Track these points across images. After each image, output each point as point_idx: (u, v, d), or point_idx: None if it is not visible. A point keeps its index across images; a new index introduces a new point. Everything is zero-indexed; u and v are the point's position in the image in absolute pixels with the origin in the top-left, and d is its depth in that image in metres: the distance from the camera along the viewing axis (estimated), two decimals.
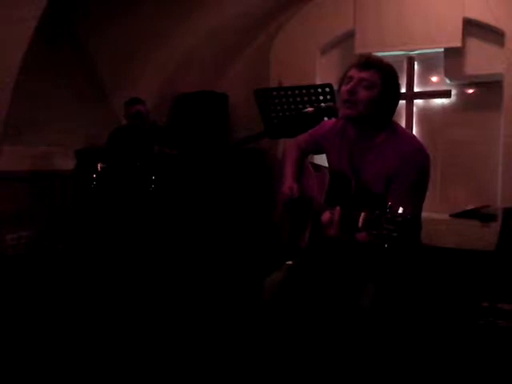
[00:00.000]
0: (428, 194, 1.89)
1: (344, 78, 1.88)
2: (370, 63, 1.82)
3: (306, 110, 2.16)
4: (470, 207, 4.10)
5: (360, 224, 1.54)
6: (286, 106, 3.19)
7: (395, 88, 1.85)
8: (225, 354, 2.42)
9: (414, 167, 1.79)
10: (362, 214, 1.55)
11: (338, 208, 1.67)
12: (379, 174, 1.86)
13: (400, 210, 1.46)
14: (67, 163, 4.01)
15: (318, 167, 2.13)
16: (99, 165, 3.69)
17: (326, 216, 1.72)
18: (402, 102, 4.48)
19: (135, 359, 2.42)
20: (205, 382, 2.23)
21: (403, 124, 4.40)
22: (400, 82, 1.89)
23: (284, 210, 2.00)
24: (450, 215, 4.16)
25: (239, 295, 2.99)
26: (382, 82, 1.80)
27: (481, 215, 3.96)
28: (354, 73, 1.83)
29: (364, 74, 1.80)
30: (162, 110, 4.92)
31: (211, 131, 4.76)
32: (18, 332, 2.70)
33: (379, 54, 4.42)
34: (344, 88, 1.84)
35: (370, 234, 1.50)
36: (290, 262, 1.98)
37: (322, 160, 2.18)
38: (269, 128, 2.93)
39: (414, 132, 4.40)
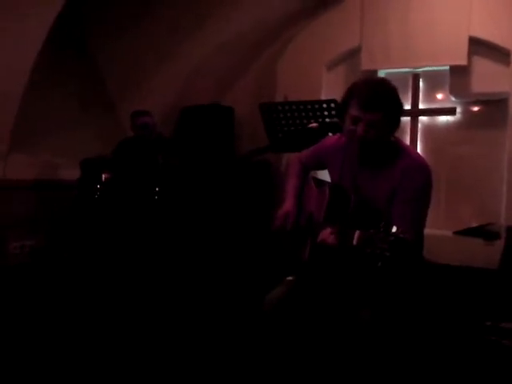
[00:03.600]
0: (432, 210, 1.88)
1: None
2: (376, 104, 1.80)
3: (311, 125, 2.17)
4: (473, 225, 4.08)
5: (354, 242, 1.58)
6: (290, 121, 3.20)
7: (400, 112, 1.87)
8: (224, 366, 2.40)
9: (416, 183, 1.81)
10: (357, 233, 1.58)
11: (328, 230, 1.73)
12: (381, 191, 1.87)
13: (394, 229, 1.49)
14: (72, 173, 4.02)
15: (320, 182, 2.13)
16: (104, 175, 3.70)
17: (323, 233, 1.77)
18: (407, 119, 4.49)
19: (136, 368, 2.41)
20: None
21: (407, 141, 4.40)
22: (402, 98, 1.90)
23: (277, 231, 2.02)
24: (454, 232, 4.15)
25: (240, 309, 2.98)
26: (389, 118, 1.83)
27: (484, 233, 3.94)
28: (360, 114, 1.82)
29: (371, 117, 1.80)
30: (169, 122, 4.95)
31: (217, 144, 4.78)
32: (20, 339, 2.70)
33: (385, 71, 4.45)
34: (352, 128, 1.85)
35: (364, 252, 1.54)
36: (290, 278, 1.99)
37: (326, 175, 2.19)
38: (273, 142, 2.94)
39: (419, 149, 4.40)
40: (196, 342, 2.70)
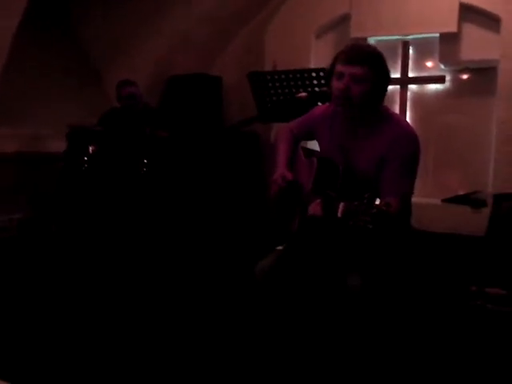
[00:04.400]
0: (420, 178, 1.89)
1: (334, 65, 1.86)
2: (359, 57, 1.79)
3: (300, 94, 2.14)
4: (461, 193, 4.12)
5: (339, 214, 1.57)
6: (279, 90, 3.16)
7: (386, 77, 1.86)
8: (217, 339, 2.43)
9: (404, 151, 1.81)
10: (341, 205, 1.57)
11: (317, 201, 1.72)
12: (370, 159, 1.87)
13: (377, 201, 1.50)
14: (58, 145, 3.96)
15: (309, 152, 2.12)
16: (91, 147, 3.66)
17: (312, 205, 1.77)
18: (396, 87, 4.46)
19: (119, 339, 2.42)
20: (197, 369, 2.24)
21: (397, 109, 4.39)
22: (391, 67, 1.89)
23: (275, 197, 2.00)
24: (442, 200, 4.19)
25: (231, 279, 3.00)
26: (373, 75, 1.80)
27: (472, 200, 3.99)
28: (343, 69, 1.80)
29: (354, 70, 1.78)
30: (155, 92, 4.87)
31: (204, 114, 4.72)
32: (8, 313, 2.69)
33: (374, 38, 4.40)
34: (336, 85, 1.83)
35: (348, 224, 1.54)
36: (280, 247, 2.00)
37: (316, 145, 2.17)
38: (262, 112, 2.90)
39: (408, 117, 4.39)
40: (186, 315, 2.71)
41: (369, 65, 1.78)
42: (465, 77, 4.39)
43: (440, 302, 2.70)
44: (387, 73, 1.86)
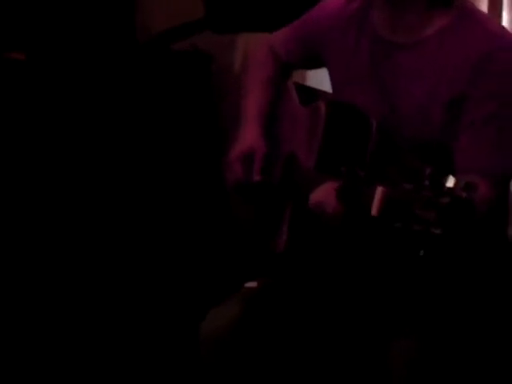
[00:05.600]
0: None
1: None
2: None
3: None
4: None
5: (374, 209, 0.92)
6: None
7: None
8: None
9: (502, 84, 1.11)
10: (379, 191, 0.93)
11: (327, 186, 1.07)
12: (432, 98, 1.14)
13: (450, 182, 0.90)
14: None
15: (309, 94, 1.41)
16: None
17: (318, 194, 1.10)
18: None
19: None
20: None
21: (484, 8, 3.23)
22: None
23: (238, 192, 1.33)
24: None
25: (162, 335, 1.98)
26: None
27: None
28: None
29: None
30: None
31: (101, 19, 2.54)
32: None
33: None
34: None
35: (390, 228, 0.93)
36: (251, 284, 1.23)
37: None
38: (214, 11, 1.72)
39: (504, 21, 3.28)
40: None
41: None
42: None
43: None
44: None
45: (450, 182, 0.88)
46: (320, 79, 1.41)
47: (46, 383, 1.71)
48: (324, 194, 1.04)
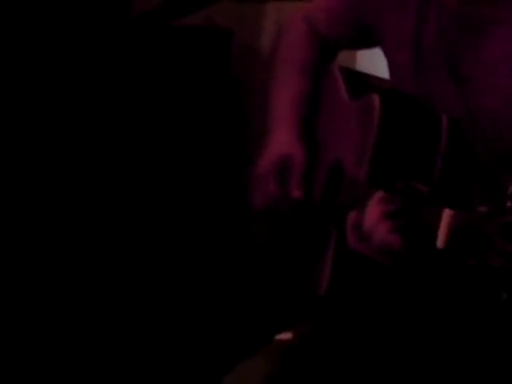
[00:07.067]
0: None
1: None
2: None
3: None
4: None
5: (441, 239, 0.71)
6: None
7: None
8: None
9: None
10: (447, 214, 0.73)
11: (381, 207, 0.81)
12: None
13: None
14: None
15: (361, 83, 1.26)
16: None
17: (371, 215, 0.82)
18: None
19: None
20: None
21: None
22: None
23: (267, 215, 1.08)
24: None
25: None
26: None
27: None
28: None
29: None
30: None
31: None
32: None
33: None
34: None
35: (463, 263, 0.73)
36: (285, 336, 0.99)
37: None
38: None
39: None
40: None
41: None
42: None
43: None
44: None
45: None
46: (375, 63, 1.15)
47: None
48: (371, 218, 0.80)
